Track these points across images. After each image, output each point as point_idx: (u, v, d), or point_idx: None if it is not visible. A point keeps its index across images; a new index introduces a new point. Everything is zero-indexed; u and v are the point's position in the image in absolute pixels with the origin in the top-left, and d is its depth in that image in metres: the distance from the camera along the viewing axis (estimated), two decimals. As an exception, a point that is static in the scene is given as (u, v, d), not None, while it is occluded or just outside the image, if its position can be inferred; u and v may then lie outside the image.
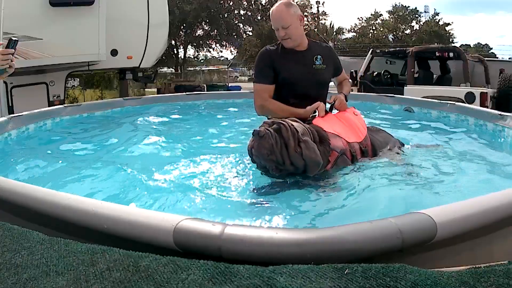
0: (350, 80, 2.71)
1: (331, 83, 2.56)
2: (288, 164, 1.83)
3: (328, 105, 2.39)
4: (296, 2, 23.98)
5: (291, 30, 2.21)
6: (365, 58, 8.49)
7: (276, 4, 2.28)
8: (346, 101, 2.43)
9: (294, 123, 1.90)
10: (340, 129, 2.14)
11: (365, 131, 2.27)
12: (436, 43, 19.60)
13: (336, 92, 2.57)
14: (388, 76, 8.22)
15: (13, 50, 1.93)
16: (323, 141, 1.96)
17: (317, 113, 2.19)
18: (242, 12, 21.51)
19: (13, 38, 1.94)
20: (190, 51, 23.43)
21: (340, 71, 2.55)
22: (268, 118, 2.34)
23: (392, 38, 29.31)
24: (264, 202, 1.74)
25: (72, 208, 1.11)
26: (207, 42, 22.33)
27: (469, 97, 6.24)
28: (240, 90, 12.57)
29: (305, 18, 25.36)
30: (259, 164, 1.94)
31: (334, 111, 2.39)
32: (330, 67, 2.38)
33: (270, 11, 2.30)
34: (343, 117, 2.29)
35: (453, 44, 24.24)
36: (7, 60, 1.91)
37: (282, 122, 1.87)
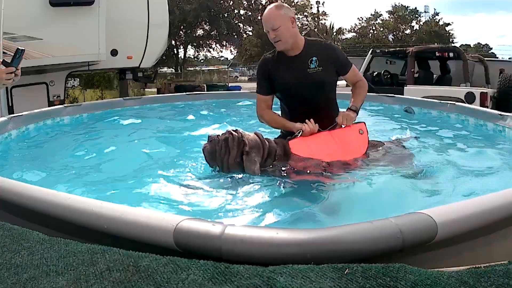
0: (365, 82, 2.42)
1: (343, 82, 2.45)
2: (226, 170, 2.04)
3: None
4: (296, 2, 23.99)
5: (281, 32, 2.17)
6: (365, 58, 8.47)
7: (267, 8, 2.26)
8: (357, 113, 2.29)
9: (249, 136, 2.07)
10: (322, 149, 2.12)
11: (362, 152, 2.21)
12: (436, 43, 19.58)
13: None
14: (388, 76, 8.20)
15: (16, 66, 1.89)
16: (278, 161, 2.09)
17: (300, 133, 2.16)
18: (242, 12, 21.50)
19: (20, 48, 1.92)
20: (190, 51, 23.43)
21: (347, 70, 2.35)
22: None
23: (392, 38, 29.27)
24: (264, 202, 1.74)
25: (72, 208, 1.11)
26: (207, 42, 22.32)
27: (469, 97, 6.23)
28: (240, 90, 12.56)
29: (305, 18, 25.36)
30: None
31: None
32: (329, 67, 2.26)
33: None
34: (339, 135, 2.22)
35: (453, 44, 24.21)
36: (10, 80, 1.90)
37: (233, 132, 2.05)
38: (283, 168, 2.05)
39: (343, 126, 2.24)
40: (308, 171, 2.04)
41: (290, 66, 2.25)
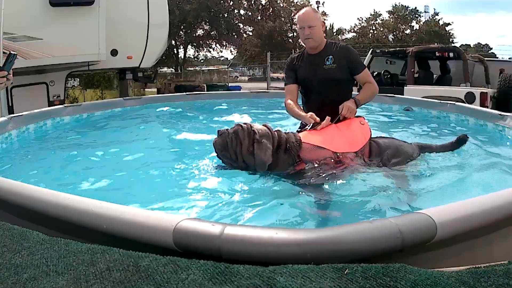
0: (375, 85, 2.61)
1: None
2: (240, 161, 2.05)
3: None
4: (296, 2, 23.99)
5: (314, 31, 2.50)
6: (365, 58, 8.47)
7: (304, 9, 2.65)
8: (358, 106, 2.46)
9: (258, 127, 2.09)
10: (330, 140, 2.18)
11: (365, 140, 2.30)
12: (436, 43, 19.55)
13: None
14: (388, 76, 8.20)
15: (8, 70, 1.89)
16: (289, 150, 2.08)
17: (310, 126, 2.26)
18: (242, 12, 21.49)
19: (13, 52, 1.93)
20: (190, 51, 23.43)
21: (359, 70, 2.58)
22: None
23: (392, 38, 29.25)
24: (264, 202, 1.74)
25: (72, 208, 1.11)
26: (207, 42, 22.32)
27: (469, 97, 6.23)
28: (240, 90, 12.55)
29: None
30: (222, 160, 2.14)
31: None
32: (342, 65, 2.52)
33: (297, 15, 2.61)
34: (344, 127, 2.32)
35: (453, 44, 24.19)
36: (2, 84, 1.90)
37: (242, 124, 2.10)
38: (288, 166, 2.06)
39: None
40: (315, 165, 2.06)
41: (310, 62, 2.59)
